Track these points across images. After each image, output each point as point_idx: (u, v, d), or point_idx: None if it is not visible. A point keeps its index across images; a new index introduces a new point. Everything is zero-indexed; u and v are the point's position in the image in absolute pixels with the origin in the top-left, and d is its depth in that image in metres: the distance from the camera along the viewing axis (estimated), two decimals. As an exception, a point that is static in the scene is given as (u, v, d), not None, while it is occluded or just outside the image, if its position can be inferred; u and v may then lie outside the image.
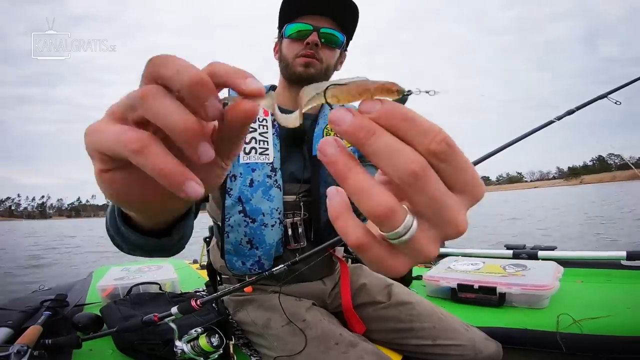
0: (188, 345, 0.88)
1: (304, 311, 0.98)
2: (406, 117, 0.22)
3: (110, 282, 1.55)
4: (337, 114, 0.23)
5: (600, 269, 1.72)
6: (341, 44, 1.04)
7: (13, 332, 1.08)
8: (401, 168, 0.22)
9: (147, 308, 1.18)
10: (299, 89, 0.92)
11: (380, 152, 0.22)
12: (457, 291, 1.44)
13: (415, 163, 0.22)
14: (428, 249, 0.24)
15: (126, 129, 0.24)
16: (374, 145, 0.22)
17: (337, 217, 0.24)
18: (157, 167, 0.23)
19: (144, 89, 0.24)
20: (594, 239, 7.50)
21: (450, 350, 0.97)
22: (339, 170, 0.23)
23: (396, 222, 0.23)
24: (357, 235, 0.24)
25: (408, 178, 0.22)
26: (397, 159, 0.22)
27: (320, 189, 1.04)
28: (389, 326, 1.05)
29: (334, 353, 0.88)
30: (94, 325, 1.16)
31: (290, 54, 1.02)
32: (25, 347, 0.86)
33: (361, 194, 0.22)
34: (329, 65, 1.03)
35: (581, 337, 1.11)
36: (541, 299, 1.29)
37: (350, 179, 0.23)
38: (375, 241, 0.24)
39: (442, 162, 0.23)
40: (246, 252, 0.99)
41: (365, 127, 0.22)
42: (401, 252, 0.25)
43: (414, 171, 0.22)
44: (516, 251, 1.89)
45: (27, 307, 1.29)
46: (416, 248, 0.24)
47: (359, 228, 0.24)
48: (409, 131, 0.22)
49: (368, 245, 0.24)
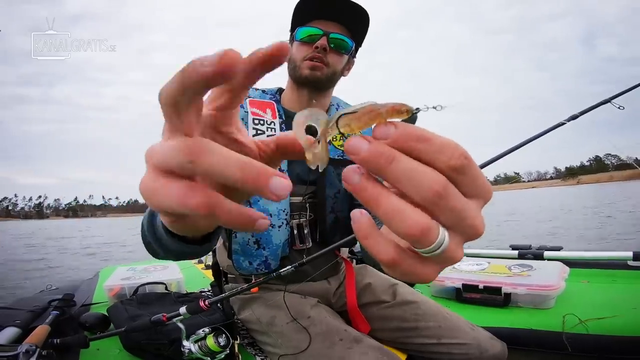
0: (195, 345, 0.89)
1: (309, 308, 0.99)
2: (421, 138, 0.23)
3: (117, 282, 1.56)
4: (353, 143, 0.23)
5: (607, 270, 1.71)
6: (350, 49, 1.04)
7: (21, 332, 1.09)
8: (424, 190, 0.22)
9: (153, 308, 1.19)
10: (305, 91, 0.94)
11: (402, 176, 0.22)
12: (462, 291, 1.44)
13: (437, 183, 0.22)
14: (456, 254, 0.25)
15: (187, 190, 0.23)
16: (395, 171, 0.22)
17: (366, 237, 0.25)
18: (230, 221, 0.23)
19: (190, 146, 0.22)
20: (596, 238, 7.52)
21: (455, 349, 0.97)
22: (369, 197, 0.23)
23: (432, 239, 0.23)
24: (389, 254, 0.24)
25: (431, 198, 0.22)
26: (419, 182, 0.22)
27: (326, 191, 1.05)
28: (394, 325, 1.05)
29: (338, 348, 0.88)
30: (101, 325, 1.17)
31: (299, 57, 1.02)
32: (33, 347, 0.87)
33: (395, 217, 0.23)
34: (335, 70, 1.04)
35: (587, 338, 1.11)
36: (547, 299, 1.29)
37: (382, 204, 0.23)
38: (407, 255, 0.25)
39: (461, 175, 0.23)
40: (253, 252, 1.00)
41: (384, 154, 0.22)
42: (432, 261, 0.25)
43: (437, 192, 0.22)
44: (522, 251, 1.88)
45: (34, 306, 1.31)
46: (446, 256, 0.25)
47: (390, 246, 0.24)
48: (426, 151, 0.23)
49: (400, 261, 0.25)
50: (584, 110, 1.11)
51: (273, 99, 1.10)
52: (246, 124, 1.02)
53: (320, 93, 1.08)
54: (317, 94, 1.07)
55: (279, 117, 1.06)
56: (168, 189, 0.23)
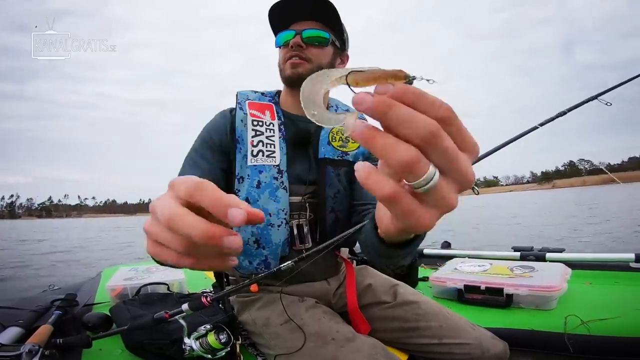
0: (197, 342, 0.89)
1: (304, 310, 0.99)
2: (416, 93, 0.27)
3: (119, 282, 1.56)
4: (360, 96, 0.27)
5: (609, 271, 1.70)
6: (327, 41, 1.04)
7: (24, 332, 1.10)
8: (421, 129, 0.26)
9: (155, 308, 1.19)
10: (297, 91, 0.95)
11: (401, 119, 0.26)
12: (463, 292, 1.44)
13: (432, 124, 0.26)
14: (450, 197, 0.29)
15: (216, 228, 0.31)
16: (395, 114, 0.26)
17: (367, 177, 0.29)
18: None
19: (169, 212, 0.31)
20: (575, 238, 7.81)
21: (456, 349, 0.97)
22: (368, 136, 0.27)
23: (422, 169, 0.27)
24: (389, 187, 0.28)
25: (427, 136, 0.26)
26: (417, 123, 0.26)
27: (326, 191, 1.06)
28: (395, 325, 1.06)
29: (330, 347, 0.89)
30: (103, 325, 1.17)
31: (282, 60, 1.06)
32: (36, 347, 0.87)
33: (389, 149, 0.27)
34: (320, 64, 1.04)
35: (589, 339, 1.11)
36: (549, 300, 1.29)
37: (379, 140, 0.27)
38: (405, 192, 0.28)
39: (449, 126, 0.27)
40: (253, 251, 1.01)
41: (385, 102, 0.26)
42: (428, 203, 0.29)
43: (431, 131, 0.26)
44: (524, 253, 1.88)
45: (37, 306, 1.31)
46: (440, 197, 0.29)
47: (389, 181, 0.28)
48: (419, 104, 0.27)
49: (400, 196, 0.28)
50: (572, 107, 1.12)
51: (272, 101, 1.12)
52: (245, 126, 1.04)
53: None
54: None
55: (278, 119, 1.07)
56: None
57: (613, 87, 1.24)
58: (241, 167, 1.02)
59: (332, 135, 1.09)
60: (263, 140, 1.03)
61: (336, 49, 1.08)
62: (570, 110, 1.15)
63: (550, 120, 1.17)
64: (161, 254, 0.34)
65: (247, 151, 1.02)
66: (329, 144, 1.08)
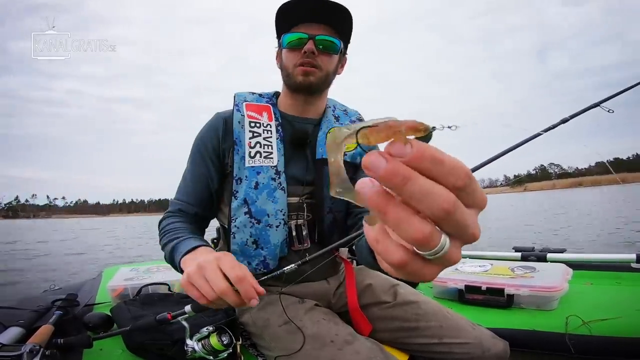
0: (199, 343, 0.89)
1: (303, 312, 0.99)
2: (435, 159, 0.25)
3: (120, 283, 1.56)
4: (371, 159, 0.25)
5: (610, 272, 1.70)
6: (338, 49, 1.04)
7: (25, 332, 1.09)
8: (435, 208, 0.25)
9: (156, 308, 1.19)
10: (300, 95, 1.00)
11: (415, 195, 0.24)
12: (464, 292, 1.44)
13: (447, 202, 0.25)
14: (456, 256, 0.28)
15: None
16: (409, 190, 0.24)
17: (377, 242, 0.28)
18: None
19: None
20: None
21: (457, 349, 0.97)
22: (379, 206, 0.26)
23: (434, 244, 0.26)
24: (399, 256, 0.27)
25: (440, 214, 0.25)
26: (432, 201, 0.24)
27: (324, 191, 1.06)
28: (395, 325, 1.05)
29: (329, 349, 0.88)
30: (104, 325, 1.17)
31: (290, 64, 1.04)
32: (37, 347, 0.87)
33: (402, 224, 0.25)
34: (328, 72, 1.05)
35: (590, 339, 1.11)
36: (550, 300, 1.28)
37: (391, 212, 0.25)
38: (413, 258, 0.27)
39: (463, 192, 0.26)
40: (252, 252, 1.01)
41: (400, 174, 0.24)
42: (434, 263, 0.28)
43: (446, 209, 0.25)
44: (525, 253, 1.88)
45: (38, 306, 1.31)
46: (447, 258, 0.27)
47: (399, 249, 0.27)
48: (437, 172, 0.25)
49: (408, 263, 0.27)
50: (574, 114, 1.13)
51: (270, 102, 1.11)
52: (243, 127, 1.04)
53: (315, 96, 1.09)
54: (313, 98, 1.09)
55: (275, 120, 1.07)
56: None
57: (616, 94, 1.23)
58: (239, 169, 1.02)
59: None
60: (260, 142, 1.03)
61: (340, 55, 1.08)
62: (573, 117, 1.14)
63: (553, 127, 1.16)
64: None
65: (245, 152, 1.02)
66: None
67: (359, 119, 1.19)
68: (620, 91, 1.23)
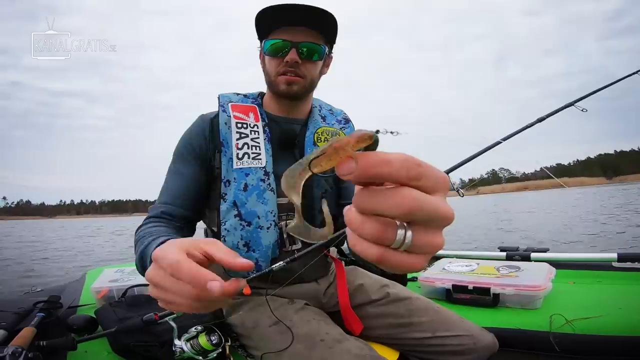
0: (187, 344, 0.88)
1: (293, 312, 0.99)
2: (382, 162, 0.27)
3: (105, 284, 1.53)
4: (347, 215, 0.30)
5: (592, 271, 1.74)
6: (323, 54, 1.03)
7: (7, 334, 1.07)
8: (400, 211, 0.27)
9: (143, 310, 1.17)
10: (285, 100, 0.98)
11: (378, 209, 0.27)
12: (451, 292, 1.45)
13: (407, 205, 0.27)
14: (435, 240, 0.29)
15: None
16: (368, 207, 0.28)
17: (355, 245, 0.30)
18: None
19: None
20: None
21: (449, 341, 1.00)
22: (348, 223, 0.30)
23: (390, 237, 0.28)
24: (375, 252, 0.29)
25: (408, 214, 0.27)
26: (394, 210, 0.27)
27: (314, 191, 1.06)
28: (388, 322, 1.06)
29: (319, 349, 0.88)
30: (89, 328, 1.15)
31: (272, 72, 1.02)
32: (20, 349, 0.85)
33: (358, 229, 0.29)
34: (312, 79, 1.04)
35: (574, 337, 1.13)
36: (534, 299, 1.31)
37: (350, 221, 0.29)
38: (391, 252, 0.29)
39: (419, 180, 0.27)
40: (243, 254, 1.00)
41: (357, 203, 0.29)
42: (415, 251, 0.29)
43: (410, 208, 0.27)
44: (509, 253, 1.91)
45: (20, 308, 1.28)
46: (424, 244, 0.29)
47: (373, 246, 0.29)
48: (388, 173, 0.27)
49: (387, 256, 0.29)
50: (550, 113, 1.16)
51: (255, 102, 1.10)
52: (230, 128, 1.02)
53: (299, 101, 1.08)
54: (297, 102, 1.08)
55: (262, 120, 1.06)
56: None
57: (590, 93, 1.27)
58: (227, 171, 1.00)
59: (317, 135, 1.09)
60: (248, 143, 1.02)
61: (325, 56, 1.06)
62: (549, 116, 1.18)
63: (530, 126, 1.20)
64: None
65: (233, 154, 1.00)
66: (315, 145, 1.08)
67: (344, 118, 1.19)
68: (593, 91, 1.27)
